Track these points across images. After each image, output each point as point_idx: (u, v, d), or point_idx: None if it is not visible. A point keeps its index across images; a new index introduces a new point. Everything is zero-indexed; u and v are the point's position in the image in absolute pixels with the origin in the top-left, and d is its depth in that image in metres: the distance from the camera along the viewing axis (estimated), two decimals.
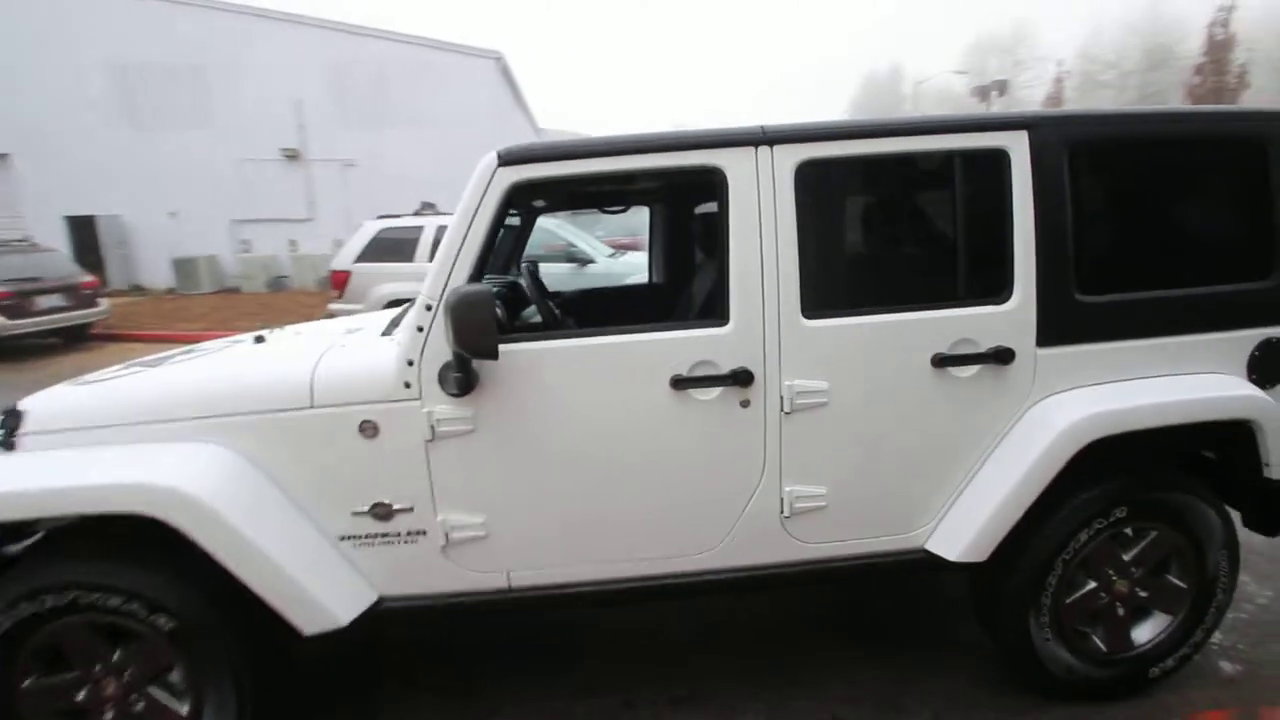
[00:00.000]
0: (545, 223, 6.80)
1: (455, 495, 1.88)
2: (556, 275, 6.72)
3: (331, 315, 6.58)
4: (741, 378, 1.86)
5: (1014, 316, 1.94)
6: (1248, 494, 2.17)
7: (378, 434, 1.84)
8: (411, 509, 1.87)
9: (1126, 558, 2.07)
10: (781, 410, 1.91)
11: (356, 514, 1.87)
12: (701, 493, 1.94)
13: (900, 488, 2.01)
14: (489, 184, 1.82)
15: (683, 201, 3.37)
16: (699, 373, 1.87)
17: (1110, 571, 2.08)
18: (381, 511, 1.87)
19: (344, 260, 7.19)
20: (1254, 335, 2.06)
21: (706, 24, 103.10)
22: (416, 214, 7.43)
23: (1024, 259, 1.93)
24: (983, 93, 29.69)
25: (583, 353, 1.86)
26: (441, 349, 1.80)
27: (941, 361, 1.93)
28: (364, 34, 16.75)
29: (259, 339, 2.46)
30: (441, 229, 6.86)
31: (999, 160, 1.92)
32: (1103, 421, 1.90)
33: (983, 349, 1.94)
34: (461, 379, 1.78)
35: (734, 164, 1.86)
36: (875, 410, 1.94)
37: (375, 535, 1.88)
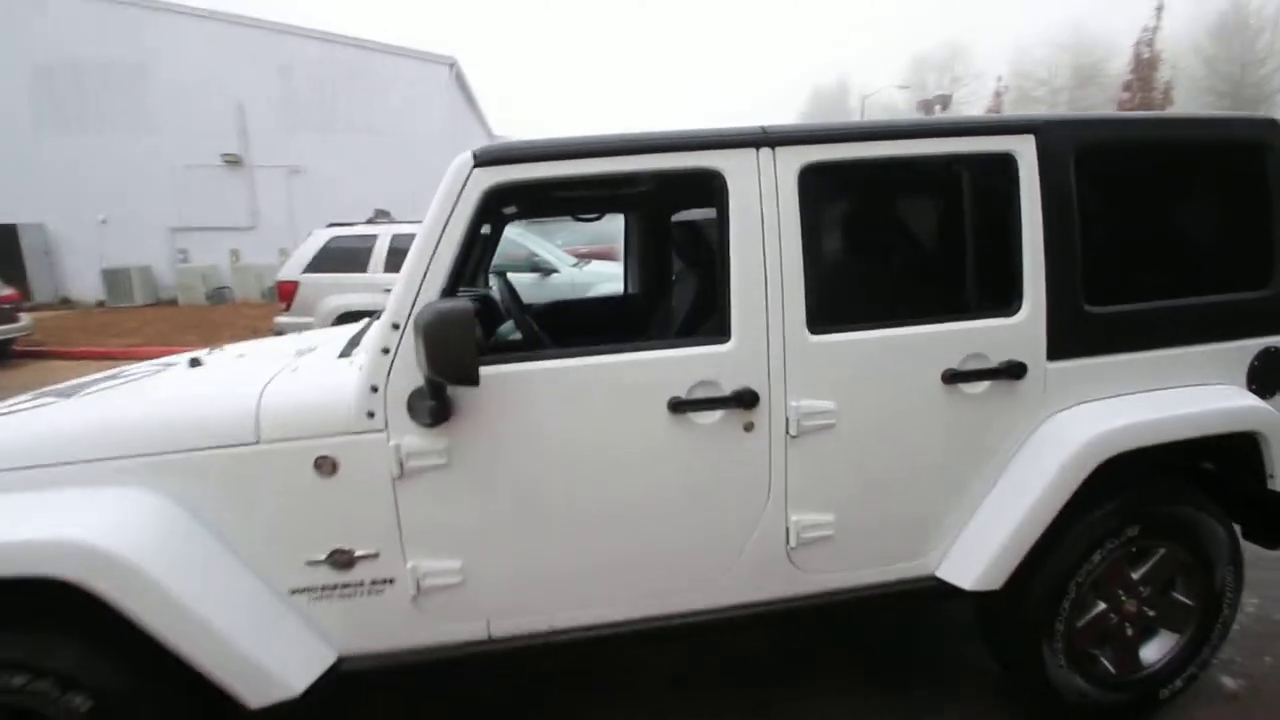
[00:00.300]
0: (505, 230, 6.55)
1: (427, 538, 1.66)
2: (519, 287, 6.48)
3: (279, 330, 6.21)
4: (745, 399, 1.71)
5: (1024, 329, 1.85)
6: (1248, 506, 2.12)
7: (336, 471, 1.61)
8: (376, 555, 1.65)
9: (1135, 576, 2.00)
10: (787, 433, 1.76)
11: (311, 563, 1.63)
12: (702, 525, 1.78)
13: (910, 512, 1.88)
14: (463, 187, 1.62)
15: (663, 208, 3.21)
16: (699, 394, 1.71)
17: (1120, 591, 2.00)
18: (341, 559, 1.64)
19: (291, 270, 6.81)
20: (1254, 345, 2.03)
21: (661, 37, 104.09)
22: (370, 222, 7.10)
23: (1033, 268, 1.84)
24: (927, 107, 30.57)
25: (572, 375, 1.67)
26: (411, 373, 1.59)
27: (952, 378, 1.81)
28: (311, 36, 16.13)
29: (194, 362, 2.18)
30: (397, 238, 6.56)
31: (1006, 165, 1.83)
32: (1118, 437, 1.82)
33: (994, 364, 1.83)
34: (435, 407, 1.57)
35: (734, 167, 1.71)
36: (884, 431, 1.82)
37: (334, 586, 1.65)
